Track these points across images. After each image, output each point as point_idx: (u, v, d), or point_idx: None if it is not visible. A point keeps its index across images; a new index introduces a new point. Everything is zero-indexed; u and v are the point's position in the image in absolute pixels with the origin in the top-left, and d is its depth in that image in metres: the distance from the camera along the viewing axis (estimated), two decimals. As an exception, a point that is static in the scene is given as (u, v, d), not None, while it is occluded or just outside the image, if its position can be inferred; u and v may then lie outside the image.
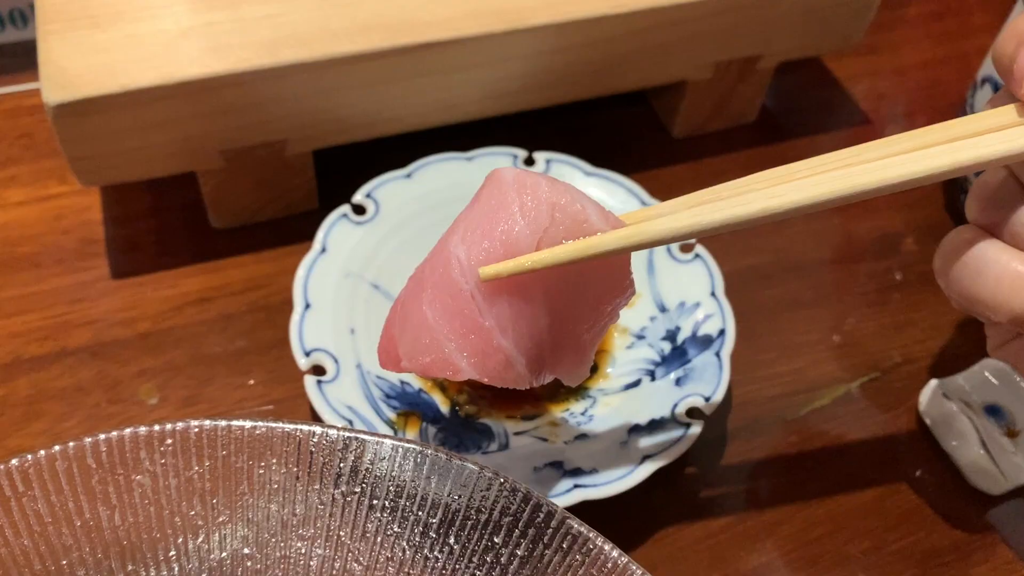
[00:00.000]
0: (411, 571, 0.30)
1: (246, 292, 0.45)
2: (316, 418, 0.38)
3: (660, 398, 0.39)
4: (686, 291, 0.42)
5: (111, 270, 0.46)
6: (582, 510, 0.34)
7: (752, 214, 0.29)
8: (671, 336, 0.41)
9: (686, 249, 0.43)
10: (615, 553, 0.28)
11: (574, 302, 0.30)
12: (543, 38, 0.44)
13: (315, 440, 0.30)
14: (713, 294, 0.42)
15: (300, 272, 0.41)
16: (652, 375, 0.40)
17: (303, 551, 0.30)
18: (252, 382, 0.42)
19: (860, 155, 0.29)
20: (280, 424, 0.30)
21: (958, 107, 0.57)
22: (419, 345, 0.29)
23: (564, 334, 0.30)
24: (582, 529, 0.29)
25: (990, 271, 0.28)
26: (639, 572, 0.28)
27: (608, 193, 0.45)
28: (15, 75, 0.53)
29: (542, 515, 0.29)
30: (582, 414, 0.40)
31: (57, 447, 0.28)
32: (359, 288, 0.42)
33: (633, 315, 0.43)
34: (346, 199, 0.44)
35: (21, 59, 0.53)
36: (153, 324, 0.44)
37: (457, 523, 0.30)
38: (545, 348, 0.29)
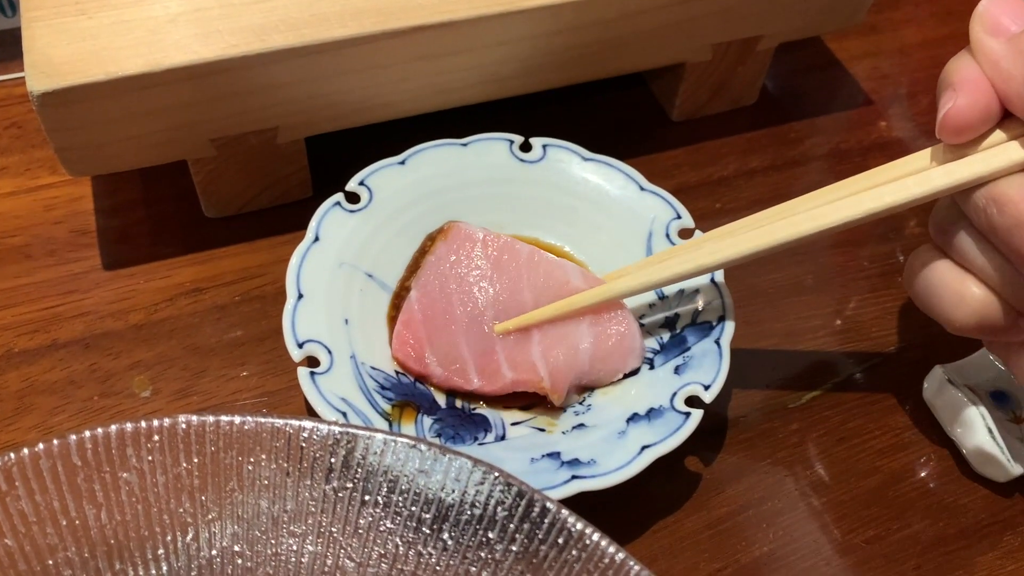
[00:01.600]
0: (404, 567, 0.29)
1: (240, 282, 0.45)
2: (310, 410, 0.37)
3: (659, 387, 0.38)
4: (685, 278, 0.42)
5: (103, 261, 0.45)
6: (579, 500, 0.34)
7: (706, 266, 0.37)
8: (670, 324, 0.41)
9: (685, 235, 0.43)
10: (612, 549, 0.28)
11: (571, 352, 0.39)
12: (539, 20, 0.44)
13: (305, 435, 0.29)
14: (712, 281, 0.41)
15: (293, 262, 0.40)
16: (651, 363, 0.40)
17: (294, 548, 0.29)
18: (246, 373, 0.42)
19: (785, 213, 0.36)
20: (269, 419, 0.29)
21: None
22: (448, 358, 0.39)
23: (561, 377, 0.39)
24: (578, 524, 0.28)
25: (936, 288, 0.33)
26: (636, 568, 0.27)
27: (606, 178, 0.45)
28: (3, 64, 0.52)
29: (537, 510, 0.29)
30: (580, 403, 0.39)
31: (41, 445, 0.28)
32: (353, 278, 0.41)
33: (632, 302, 0.42)
34: (341, 187, 0.43)
35: (9, 48, 0.52)
36: (146, 315, 0.43)
37: (451, 518, 0.29)
38: (542, 385, 0.39)
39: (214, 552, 0.29)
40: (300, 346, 0.37)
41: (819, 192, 0.36)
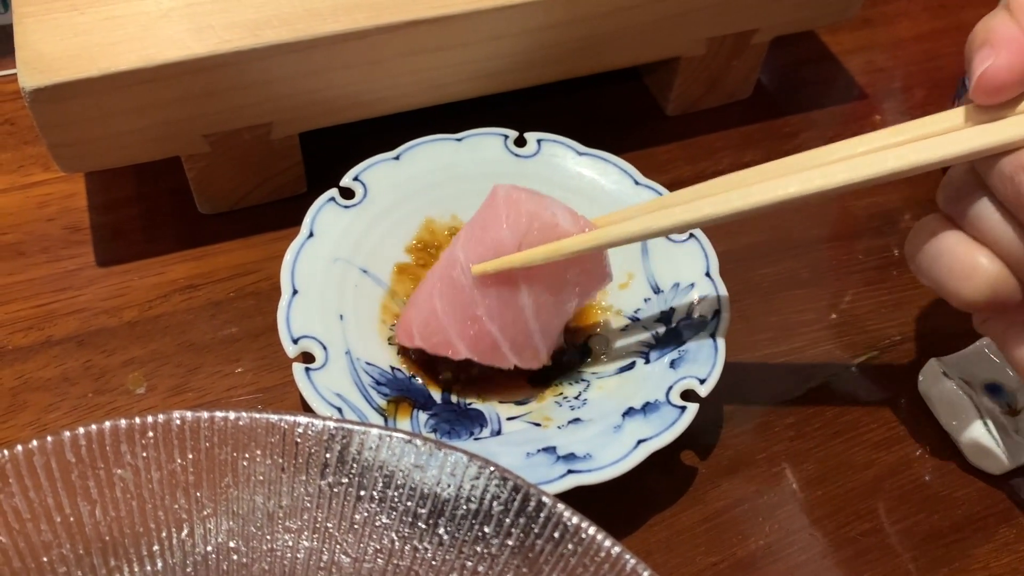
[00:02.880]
0: (400, 562, 0.29)
1: (234, 278, 0.45)
2: (306, 406, 0.37)
3: (655, 381, 0.38)
4: (680, 272, 0.41)
5: (97, 258, 0.45)
6: (575, 495, 0.34)
7: (702, 218, 0.34)
8: (665, 318, 0.41)
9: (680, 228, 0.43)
10: (608, 542, 0.28)
11: (555, 297, 0.37)
12: (533, 14, 0.43)
13: (300, 430, 0.29)
14: (708, 274, 0.41)
15: (287, 257, 0.40)
16: (646, 358, 0.40)
17: (290, 543, 0.29)
18: (241, 370, 0.42)
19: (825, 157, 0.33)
20: (264, 415, 0.29)
21: (957, 80, 0.56)
22: (429, 328, 0.38)
23: (546, 322, 0.37)
24: (574, 518, 0.28)
25: (945, 259, 0.31)
26: (632, 562, 0.27)
27: (600, 173, 0.44)
28: (-4, 60, 0.52)
29: (533, 504, 0.28)
30: (575, 398, 0.39)
31: (35, 441, 0.28)
32: (348, 273, 0.41)
33: (627, 297, 0.42)
34: (335, 183, 0.43)
35: (1, 44, 0.52)
36: (140, 312, 0.43)
37: (447, 513, 0.29)
38: (527, 334, 0.37)
39: (209, 548, 0.29)
40: (295, 342, 0.37)
41: (836, 146, 0.32)
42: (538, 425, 0.38)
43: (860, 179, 0.31)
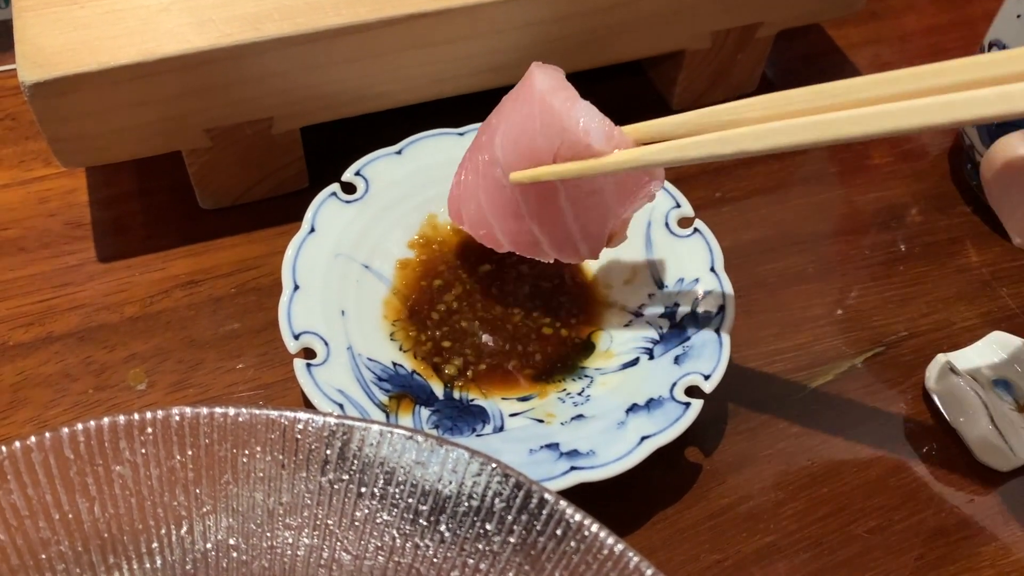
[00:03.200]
0: (401, 559, 0.29)
1: (236, 274, 0.44)
2: (307, 402, 0.37)
3: (659, 377, 0.38)
4: (685, 267, 0.41)
5: (98, 253, 0.45)
6: (578, 491, 0.33)
7: (735, 151, 0.31)
8: (670, 313, 0.40)
9: (685, 224, 0.42)
10: (611, 540, 0.27)
11: (594, 202, 0.37)
12: (536, 8, 0.43)
13: (300, 427, 0.29)
14: (713, 270, 0.41)
15: (289, 253, 0.40)
16: (650, 353, 0.39)
17: (290, 540, 0.29)
18: (242, 366, 0.41)
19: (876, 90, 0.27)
20: (264, 411, 0.29)
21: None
22: (475, 220, 0.39)
23: (585, 225, 0.37)
24: (577, 516, 0.28)
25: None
26: (635, 559, 0.27)
27: (604, 167, 0.44)
28: (-3, 55, 0.52)
29: (535, 501, 0.28)
30: (579, 394, 0.39)
31: (33, 438, 0.28)
32: (349, 269, 0.41)
33: (630, 292, 0.42)
34: (337, 177, 0.43)
35: (1, 39, 0.52)
36: (141, 308, 0.43)
37: (448, 510, 0.29)
38: (567, 234, 0.37)
39: (209, 545, 0.29)
40: (296, 338, 0.37)
41: (893, 76, 0.27)
42: (541, 421, 0.37)
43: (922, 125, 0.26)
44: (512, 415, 0.38)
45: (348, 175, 0.43)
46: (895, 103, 0.27)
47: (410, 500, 0.29)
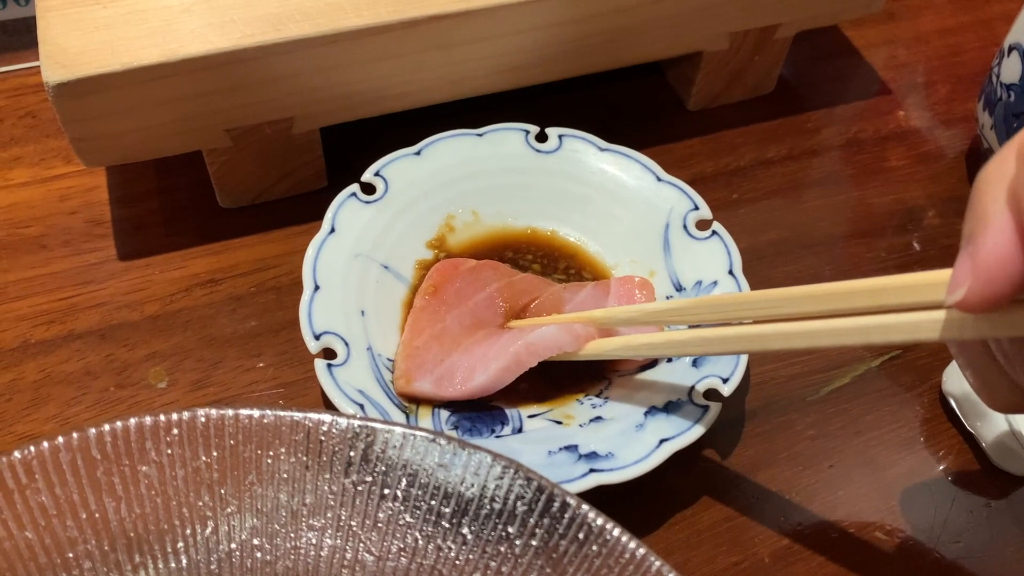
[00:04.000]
0: (424, 561, 0.29)
1: (255, 273, 0.45)
2: (327, 401, 0.37)
3: (677, 379, 0.38)
4: (703, 269, 0.41)
5: (118, 251, 0.45)
6: (595, 492, 0.34)
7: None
8: (688, 316, 0.40)
9: (702, 227, 0.42)
10: (632, 544, 0.28)
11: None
12: (555, 9, 0.43)
13: (324, 428, 0.29)
14: (731, 272, 0.41)
15: (309, 253, 0.40)
16: (669, 356, 0.39)
17: (313, 541, 0.29)
18: (262, 364, 0.42)
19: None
20: (288, 412, 0.29)
21: (981, 76, 0.55)
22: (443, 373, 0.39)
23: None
24: (599, 520, 0.28)
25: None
26: (657, 563, 0.27)
27: (622, 169, 0.44)
28: (18, 53, 0.52)
29: (557, 505, 0.28)
30: (597, 396, 0.39)
31: (61, 438, 0.28)
32: (369, 269, 0.41)
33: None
34: (356, 178, 0.43)
35: (24, 36, 0.52)
36: (161, 306, 0.43)
37: (470, 512, 0.29)
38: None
39: (233, 545, 0.29)
40: (317, 338, 0.37)
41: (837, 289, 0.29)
42: (560, 423, 0.38)
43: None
44: (531, 416, 0.38)
45: (368, 176, 0.43)
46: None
47: (432, 502, 0.29)
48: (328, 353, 0.37)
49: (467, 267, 0.41)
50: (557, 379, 0.40)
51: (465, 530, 0.29)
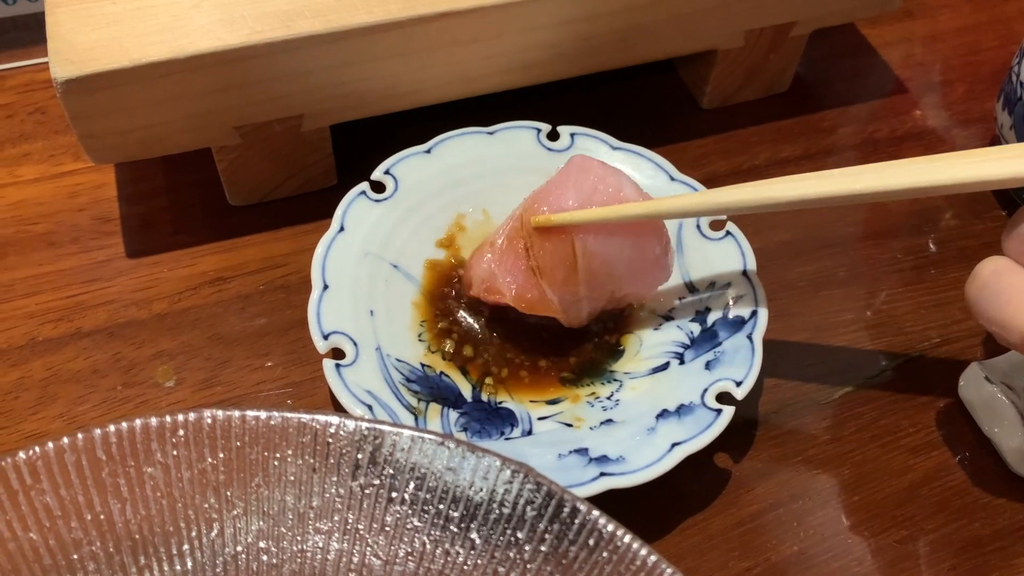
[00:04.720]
0: (432, 566, 0.29)
1: (264, 271, 0.44)
2: (335, 402, 0.37)
3: (689, 382, 0.37)
4: (716, 270, 0.41)
5: (126, 249, 0.45)
6: (606, 496, 0.33)
7: (763, 200, 0.34)
8: (701, 318, 0.40)
9: (716, 227, 0.42)
10: (644, 551, 0.27)
11: (609, 263, 0.37)
12: (568, 6, 0.43)
13: (332, 431, 0.29)
14: (745, 273, 0.40)
15: (318, 252, 0.39)
16: (681, 358, 0.39)
17: (320, 545, 0.29)
18: (270, 364, 0.41)
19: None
20: (295, 414, 0.29)
21: (1000, 75, 0.55)
22: (482, 275, 0.39)
23: (597, 286, 0.37)
24: (609, 526, 0.28)
25: (1006, 293, 0.31)
26: (668, 570, 0.27)
27: (635, 168, 0.44)
28: (27, 49, 0.52)
29: (567, 510, 0.28)
30: (608, 398, 0.38)
31: (66, 439, 0.28)
32: (378, 268, 0.40)
33: (661, 296, 0.41)
34: (366, 176, 0.42)
35: (33, 32, 0.52)
36: (169, 304, 0.43)
37: (479, 517, 0.29)
38: (578, 293, 0.37)
39: (239, 548, 0.29)
40: (325, 338, 0.37)
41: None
42: (570, 426, 0.37)
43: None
44: (540, 419, 0.38)
45: (377, 174, 0.42)
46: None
47: (441, 506, 0.29)
48: (337, 353, 0.37)
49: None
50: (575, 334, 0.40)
51: (474, 535, 0.29)
